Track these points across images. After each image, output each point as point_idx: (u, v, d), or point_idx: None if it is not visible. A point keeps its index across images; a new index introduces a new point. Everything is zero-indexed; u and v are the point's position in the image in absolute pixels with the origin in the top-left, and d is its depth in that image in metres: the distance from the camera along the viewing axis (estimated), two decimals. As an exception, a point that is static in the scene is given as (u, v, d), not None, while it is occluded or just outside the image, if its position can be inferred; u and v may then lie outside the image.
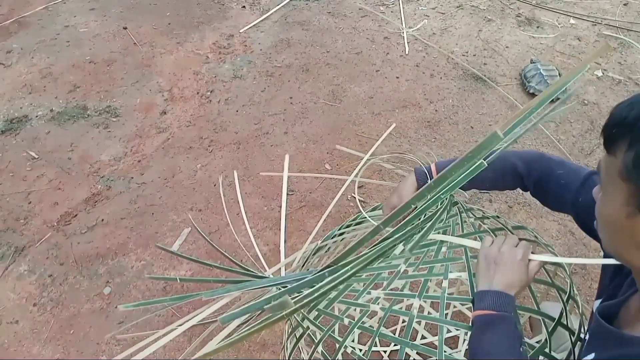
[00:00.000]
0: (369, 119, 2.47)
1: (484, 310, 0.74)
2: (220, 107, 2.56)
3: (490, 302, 0.75)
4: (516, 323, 0.73)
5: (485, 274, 0.80)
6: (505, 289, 0.75)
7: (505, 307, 0.74)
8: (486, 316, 0.74)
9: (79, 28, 3.11)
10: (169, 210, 2.06)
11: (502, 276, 0.77)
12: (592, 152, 2.27)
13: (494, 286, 0.76)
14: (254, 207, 2.06)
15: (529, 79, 2.57)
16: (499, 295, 0.75)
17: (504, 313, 0.73)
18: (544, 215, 2.00)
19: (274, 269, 1.05)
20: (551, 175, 0.90)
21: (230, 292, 0.83)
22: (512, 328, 0.72)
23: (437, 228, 0.93)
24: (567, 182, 0.87)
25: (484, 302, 0.75)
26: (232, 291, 0.83)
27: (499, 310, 0.73)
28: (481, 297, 0.77)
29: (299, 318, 0.96)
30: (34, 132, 2.42)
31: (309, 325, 0.94)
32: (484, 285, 0.78)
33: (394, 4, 3.32)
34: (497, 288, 0.76)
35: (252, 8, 3.31)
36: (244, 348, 1.63)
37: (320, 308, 0.90)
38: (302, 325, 0.95)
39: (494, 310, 0.73)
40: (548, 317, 0.82)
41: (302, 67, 2.79)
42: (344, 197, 2.09)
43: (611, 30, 3.02)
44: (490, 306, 0.74)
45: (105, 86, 2.69)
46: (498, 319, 0.73)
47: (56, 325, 1.71)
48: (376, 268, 0.90)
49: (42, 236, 1.98)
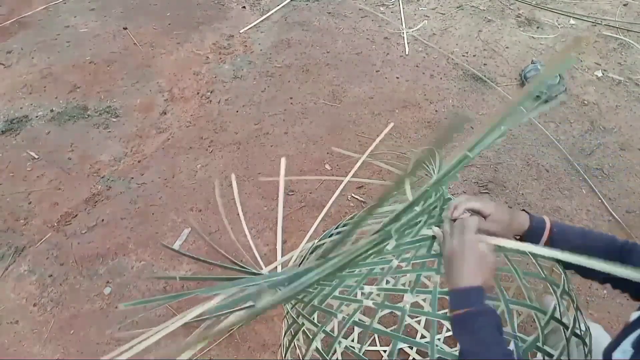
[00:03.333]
0: (369, 119, 2.47)
1: (458, 309, 0.76)
2: (220, 107, 2.56)
3: (462, 299, 0.77)
4: (492, 311, 0.76)
5: (449, 268, 0.82)
6: (473, 282, 0.78)
7: (477, 299, 0.76)
8: (462, 315, 0.76)
9: (79, 28, 3.11)
10: (169, 210, 2.06)
11: (462, 269, 0.79)
12: (592, 153, 2.27)
13: (462, 282, 0.78)
14: (254, 207, 2.06)
15: (529, 79, 2.57)
16: (468, 290, 0.77)
17: (476, 308, 0.75)
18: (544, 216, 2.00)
19: (270, 267, 1.05)
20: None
21: (225, 289, 0.83)
22: (489, 319, 0.74)
23: (430, 224, 0.93)
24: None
25: (456, 301, 0.78)
26: (227, 288, 0.83)
27: (472, 306, 0.75)
28: (453, 296, 0.79)
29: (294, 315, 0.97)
30: (34, 132, 2.42)
31: (304, 322, 0.94)
32: (452, 283, 0.81)
33: (394, 5, 3.32)
34: (465, 284, 0.78)
35: (252, 8, 3.31)
36: (244, 348, 1.63)
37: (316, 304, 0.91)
38: (297, 322, 0.95)
39: (468, 307, 0.76)
40: (540, 310, 0.83)
41: (302, 67, 2.79)
42: (343, 197, 2.09)
43: (611, 31, 3.02)
44: (463, 304, 0.76)
45: (105, 86, 2.69)
46: (473, 315, 0.75)
47: (56, 325, 1.71)
48: (369, 263, 0.91)
49: (42, 236, 1.98)
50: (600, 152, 2.28)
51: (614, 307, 1.71)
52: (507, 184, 2.14)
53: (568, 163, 2.23)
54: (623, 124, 2.42)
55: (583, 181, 2.15)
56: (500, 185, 2.13)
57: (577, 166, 2.20)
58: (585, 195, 2.09)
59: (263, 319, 1.69)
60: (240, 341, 1.65)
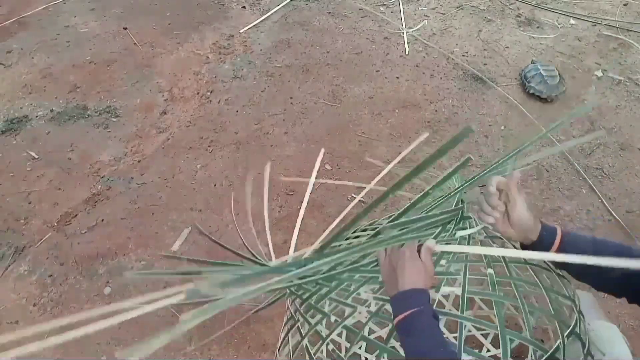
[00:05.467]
0: (369, 119, 2.47)
1: (399, 315, 0.77)
2: (220, 107, 2.56)
3: (402, 304, 0.78)
4: (434, 312, 0.77)
5: (390, 282, 0.83)
6: (415, 286, 0.79)
7: (416, 301, 0.77)
8: (403, 320, 0.76)
9: (79, 28, 3.11)
10: (169, 210, 2.06)
11: (404, 277, 0.80)
12: (592, 153, 2.27)
13: (404, 287, 0.79)
14: (254, 207, 2.06)
15: (529, 79, 2.57)
16: (406, 294, 0.78)
17: (415, 309, 0.76)
18: (544, 216, 2.00)
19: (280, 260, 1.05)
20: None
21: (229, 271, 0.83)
22: (427, 318, 0.75)
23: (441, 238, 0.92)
24: None
25: (399, 306, 0.79)
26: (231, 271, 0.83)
27: (416, 306, 0.76)
28: (395, 302, 0.80)
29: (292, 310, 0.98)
30: (34, 132, 2.42)
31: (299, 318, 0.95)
32: (392, 292, 0.81)
33: (394, 4, 3.32)
34: (407, 287, 0.79)
35: (252, 8, 3.31)
36: (244, 348, 1.63)
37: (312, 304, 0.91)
38: (294, 317, 0.96)
39: (412, 309, 0.76)
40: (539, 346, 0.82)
41: (302, 67, 2.79)
42: (344, 197, 2.09)
43: (611, 31, 3.02)
44: (402, 308, 0.77)
45: (105, 86, 2.69)
46: (413, 317, 0.76)
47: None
48: (370, 271, 0.91)
49: (42, 236, 1.98)
50: (600, 152, 2.28)
51: (615, 307, 1.71)
52: (507, 184, 2.14)
53: (568, 163, 2.23)
54: (623, 124, 2.42)
55: (583, 181, 2.15)
56: (500, 185, 2.13)
57: (577, 166, 2.20)
58: (585, 195, 2.09)
59: (263, 319, 1.69)
60: (240, 341, 1.65)
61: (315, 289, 0.94)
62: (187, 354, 1.62)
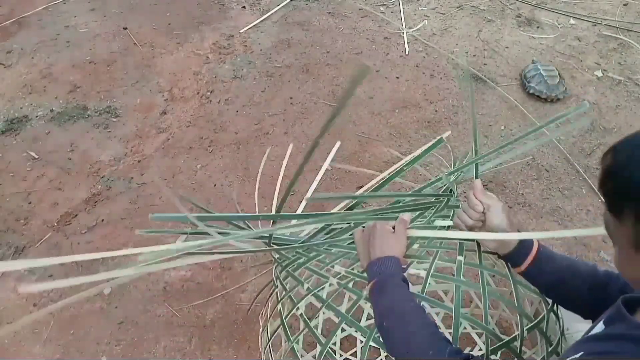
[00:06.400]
0: (369, 119, 2.47)
1: (370, 281, 0.82)
2: (220, 107, 2.56)
3: (374, 271, 0.82)
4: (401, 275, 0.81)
5: (363, 252, 0.88)
6: (388, 253, 0.83)
7: (387, 267, 0.81)
8: (375, 284, 0.81)
9: (79, 28, 3.11)
10: (169, 210, 2.06)
11: (374, 247, 0.84)
12: (592, 153, 2.27)
13: (376, 255, 0.83)
14: (254, 207, 2.06)
15: (529, 79, 2.57)
16: (378, 261, 0.82)
17: (387, 274, 0.80)
18: (544, 216, 2.01)
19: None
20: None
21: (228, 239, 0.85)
22: (397, 280, 0.79)
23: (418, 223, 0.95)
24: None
25: (370, 275, 0.83)
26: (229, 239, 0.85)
27: (382, 273, 0.81)
28: (369, 270, 0.84)
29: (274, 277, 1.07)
30: (34, 132, 2.42)
31: (278, 284, 1.02)
32: (365, 261, 0.86)
33: (394, 4, 3.32)
34: (379, 255, 0.83)
35: (252, 8, 3.31)
36: (244, 348, 1.63)
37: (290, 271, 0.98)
38: (275, 284, 1.04)
39: (379, 275, 0.81)
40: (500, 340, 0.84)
41: (302, 67, 2.79)
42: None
43: (611, 31, 3.02)
44: (374, 275, 0.81)
45: (105, 86, 2.69)
46: (384, 282, 0.80)
47: (56, 325, 1.71)
48: (347, 247, 0.96)
49: (42, 236, 1.98)
50: (600, 152, 2.28)
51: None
52: (507, 184, 2.14)
53: (568, 163, 2.23)
54: (623, 124, 2.42)
55: (583, 181, 2.15)
56: (500, 185, 2.13)
57: (577, 166, 2.20)
58: (585, 195, 2.09)
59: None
60: (240, 341, 1.65)
61: (295, 257, 0.99)
62: (187, 354, 1.62)
